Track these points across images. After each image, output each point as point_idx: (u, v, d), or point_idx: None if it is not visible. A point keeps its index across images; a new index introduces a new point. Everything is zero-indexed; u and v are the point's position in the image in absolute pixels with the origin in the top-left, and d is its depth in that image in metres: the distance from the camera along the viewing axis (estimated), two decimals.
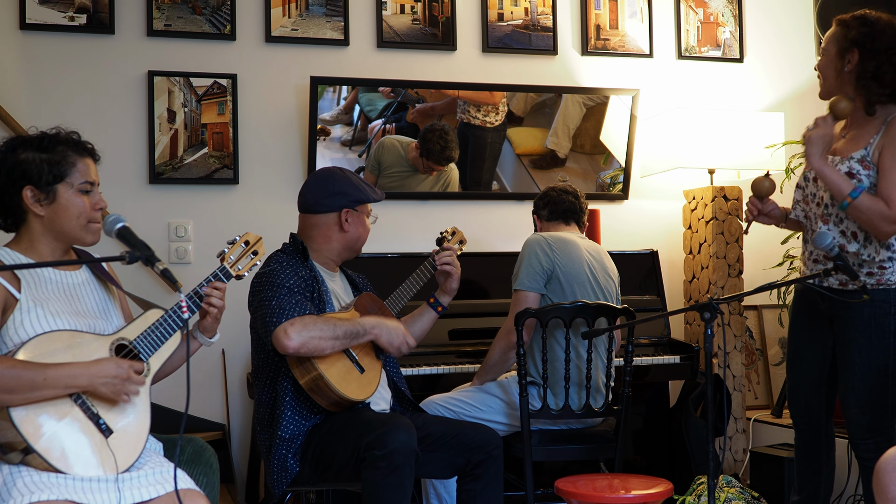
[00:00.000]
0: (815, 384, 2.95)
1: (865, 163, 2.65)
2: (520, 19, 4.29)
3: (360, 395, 2.65)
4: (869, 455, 2.75)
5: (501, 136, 4.20)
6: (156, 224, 3.86)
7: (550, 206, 3.35)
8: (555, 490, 2.85)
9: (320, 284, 2.74)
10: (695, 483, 3.61)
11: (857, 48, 2.66)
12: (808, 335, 2.94)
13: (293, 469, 2.63)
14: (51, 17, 3.77)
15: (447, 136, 4.06)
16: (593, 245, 3.30)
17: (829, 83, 2.76)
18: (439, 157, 4.05)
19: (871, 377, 2.72)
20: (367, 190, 2.84)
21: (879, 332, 2.69)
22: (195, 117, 3.90)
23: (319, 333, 2.55)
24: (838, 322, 2.79)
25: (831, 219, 2.73)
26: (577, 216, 3.36)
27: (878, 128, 2.66)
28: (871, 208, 2.57)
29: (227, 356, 3.90)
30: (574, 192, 3.37)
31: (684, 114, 4.07)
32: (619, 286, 3.31)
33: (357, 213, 2.82)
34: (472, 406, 3.17)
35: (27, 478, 1.91)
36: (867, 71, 2.64)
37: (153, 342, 2.15)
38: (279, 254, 2.77)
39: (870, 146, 2.65)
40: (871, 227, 2.62)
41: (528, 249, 3.16)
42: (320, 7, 4.06)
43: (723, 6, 4.57)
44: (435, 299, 3.01)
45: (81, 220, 2.16)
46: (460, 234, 3.15)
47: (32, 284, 2.10)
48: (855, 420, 2.76)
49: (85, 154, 2.20)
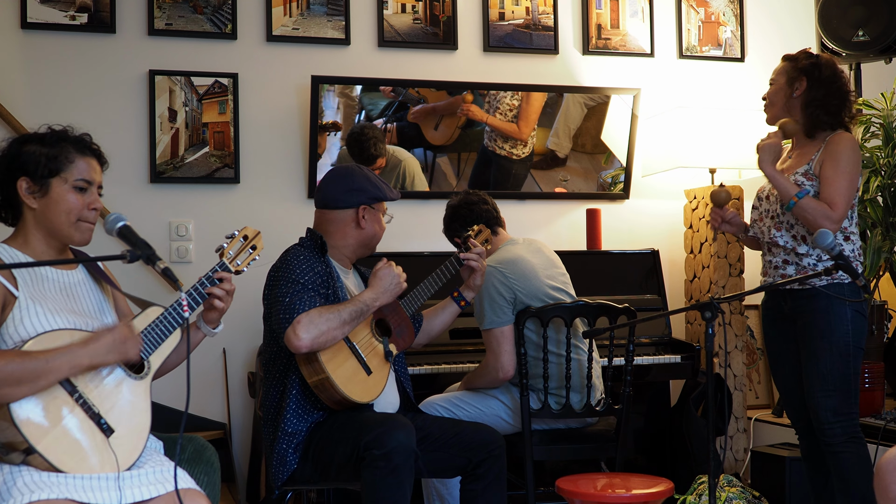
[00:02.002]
0: (802, 384, 3.04)
1: (809, 175, 2.97)
2: (521, 19, 4.29)
3: (365, 398, 2.65)
4: (836, 440, 2.91)
5: (527, 167, 4.21)
6: (157, 223, 3.86)
7: (471, 224, 3.15)
8: (556, 489, 2.85)
9: (335, 280, 2.73)
10: (696, 482, 3.61)
11: (806, 77, 3.01)
12: (781, 341, 3.13)
13: (292, 463, 2.63)
14: (52, 17, 3.77)
15: (361, 138, 3.99)
16: (533, 246, 3.23)
17: (775, 108, 3.09)
18: (363, 159, 3.99)
19: (833, 361, 2.90)
20: (384, 188, 2.84)
21: (838, 318, 2.92)
22: (196, 116, 3.91)
23: (327, 325, 2.55)
24: (801, 317, 3.00)
25: (783, 226, 3.02)
26: (498, 220, 3.26)
27: (818, 147, 3.00)
28: (815, 209, 2.88)
29: (228, 355, 3.90)
30: (480, 198, 3.22)
31: (685, 113, 4.07)
32: (565, 271, 3.27)
33: (374, 211, 2.82)
34: (472, 406, 3.16)
35: (27, 477, 1.90)
36: (815, 98, 2.99)
37: (153, 340, 2.14)
38: (297, 247, 2.76)
39: (812, 161, 2.98)
40: (815, 226, 2.86)
41: (484, 285, 3.05)
42: (321, 6, 4.06)
43: (724, 5, 4.57)
44: (459, 293, 3.02)
45: (71, 216, 2.14)
46: (487, 232, 3.14)
47: (30, 282, 2.10)
48: (820, 404, 2.92)
49: (87, 153, 2.20)
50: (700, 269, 4.14)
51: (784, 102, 3.06)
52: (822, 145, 2.99)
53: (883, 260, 3.76)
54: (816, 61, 3.04)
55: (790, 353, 3.09)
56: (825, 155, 2.96)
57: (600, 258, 4.04)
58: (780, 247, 3.03)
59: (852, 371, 2.93)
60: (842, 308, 2.91)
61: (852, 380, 2.93)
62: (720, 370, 3.84)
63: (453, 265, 2.97)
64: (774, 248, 3.06)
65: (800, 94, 3.03)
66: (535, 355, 3.10)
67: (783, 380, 3.15)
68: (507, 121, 4.18)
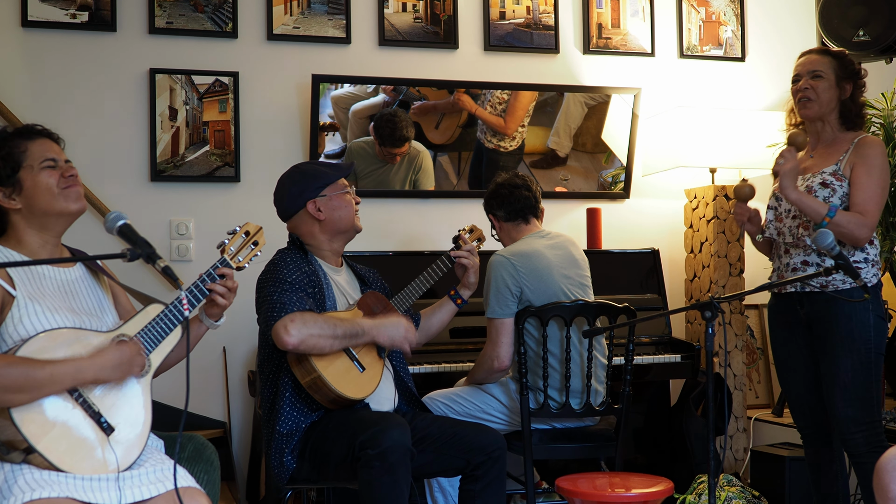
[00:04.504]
0: (813, 390, 3.01)
1: (837, 175, 2.89)
2: (521, 18, 4.29)
3: (359, 394, 2.65)
4: (860, 451, 2.84)
5: (516, 160, 4.21)
6: (157, 222, 3.86)
7: (505, 206, 3.21)
8: (555, 488, 2.85)
9: (321, 279, 2.74)
10: (695, 482, 3.61)
11: (852, 80, 2.96)
12: (793, 346, 3.04)
13: (290, 465, 2.64)
14: (53, 15, 3.77)
15: (395, 119, 4.03)
16: (557, 241, 3.21)
17: (822, 107, 2.97)
18: (393, 139, 4.02)
19: (854, 370, 2.83)
20: (326, 172, 2.81)
21: (860, 326, 2.83)
22: (197, 115, 3.91)
23: (319, 331, 2.55)
24: (818, 324, 2.92)
25: (811, 225, 2.89)
26: (535, 210, 3.25)
27: (846, 147, 2.93)
28: (849, 221, 2.81)
29: (228, 354, 3.91)
30: (525, 183, 3.23)
31: (686, 113, 4.07)
32: (588, 272, 3.25)
33: (326, 198, 2.78)
34: (472, 403, 3.16)
35: (28, 475, 1.90)
36: (854, 101, 2.97)
37: (154, 337, 2.14)
38: (282, 251, 2.79)
39: (840, 162, 2.90)
40: (850, 237, 2.83)
41: (493, 273, 3.08)
42: (322, 5, 4.06)
43: (724, 5, 4.57)
44: (455, 292, 3.04)
45: (53, 190, 2.14)
46: (479, 231, 3.15)
47: (27, 280, 2.10)
48: (841, 413, 2.85)
49: (35, 136, 2.19)
50: (700, 268, 4.14)
51: (830, 102, 2.96)
52: (849, 146, 2.92)
53: (883, 260, 3.76)
54: (859, 66, 2.99)
55: (802, 358, 3.01)
56: (856, 158, 2.88)
57: (600, 257, 4.04)
58: (802, 247, 2.93)
59: (874, 378, 2.84)
60: (864, 314, 2.82)
61: (874, 387, 2.84)
62: (720, 370, 3.84)
63: (444, 263, 2.99)
64: (794, 248, 2.96)
65: (846, 97, 2.96)
66: (534, 355, 3.11)
67: (792, 386, 3.08)
68: (496, 114, 4.18)
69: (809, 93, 2.97)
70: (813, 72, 2.98)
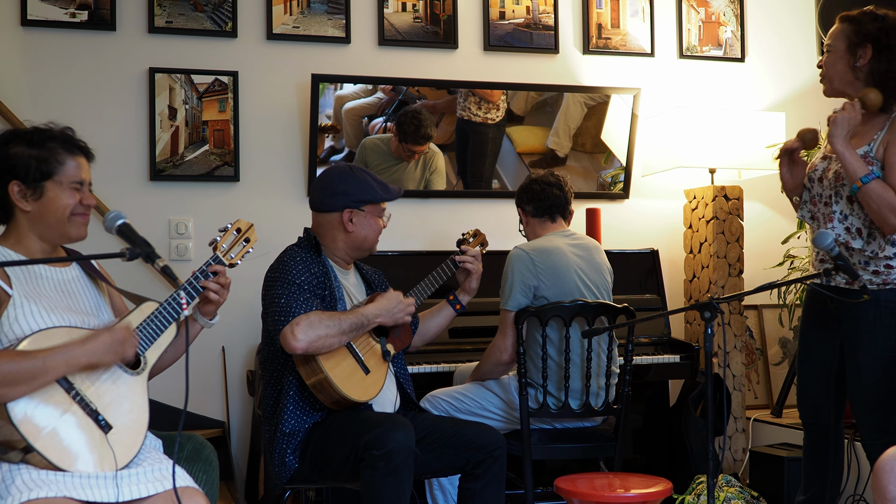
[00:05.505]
0: (823, 385, 2.93)
1: (868, 158, 2.66)
2: (521, 18, 4.29)
3: (364, 397, 2.65)
4: (877, 456, 2.74)
5: (501, 132, 4.20)
6: (156, 221, 3.86)
7: (535, 201, 3.26)
8: (554, 489, 2.85)
9: (332, 281, 2.73)
10: (694, 482, 3.61)
11: (871, 44, 2.65)
12: (816, 335, 2.93)
13: (291, 465, 2.63)
14: (52, 14, 3.77)
15: (420, 116, 4.04)
16: (582, 243, 3.24)
17: (836, 80, 2.75)
18: (416, 137, 4.03)
19: (876, 378, 2.72)
20: (376, 189, 2.77)
21: (885, 332, 2.69)
22: (196, 114, 3.90)
23: (326, 331, 2.55)
24: (846, 322, 2.78)
25: (836, 216, 2.72)
26: (563, 210, 3.28)
27: (882, 125, 2.67)
28: (881, 195, 2.56)
29: (227, 353, 3.90)
30: (558, 182, 3.27)
31: (685, 113, 4.07)
32: (612, 280, 3.27)
33: (363, 214, 2.76)
34: (473, 401, 3.17)
35: (26, 475, 1.90)
36: (883, 67, 2.63)
37: (149, 335, 2.15)
38: (294, 247, 2.76)
39: (873, 142, 2.67)
40: (879, 217, 2.61)
41: (511, 266, 3.11)
42: (322, 5, 4.06)
43: (724, 6, 4.57)
44: (455, 297, 3.04)
45: (66, 213, 2.14)
46: (482, 236, 3.16)
47: (24, 280, 2.09)
48: (863, 421, 2.77)
49: (76, 152, 2.18)
50: (699, 269, 4.14)
51: (843, 74, 2.70)
52: (885, 124, 2.65)
53: None
54: (883, 24, 2.63)
55: (823, 352, 2.89)
56: (892, 135, 2.61)
57: None
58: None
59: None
60: (891, 320, 2.67)
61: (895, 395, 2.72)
62: (719, 370, 3.83)
63: (449, 267, 2.99)
64: None
65: (864, 63, 2.66)
66: (534, 354, 3.11)
67: (806, 375, 2.97)
68: None
69: (822, 71, 2.79)
70: (827, 46, 2.77)
